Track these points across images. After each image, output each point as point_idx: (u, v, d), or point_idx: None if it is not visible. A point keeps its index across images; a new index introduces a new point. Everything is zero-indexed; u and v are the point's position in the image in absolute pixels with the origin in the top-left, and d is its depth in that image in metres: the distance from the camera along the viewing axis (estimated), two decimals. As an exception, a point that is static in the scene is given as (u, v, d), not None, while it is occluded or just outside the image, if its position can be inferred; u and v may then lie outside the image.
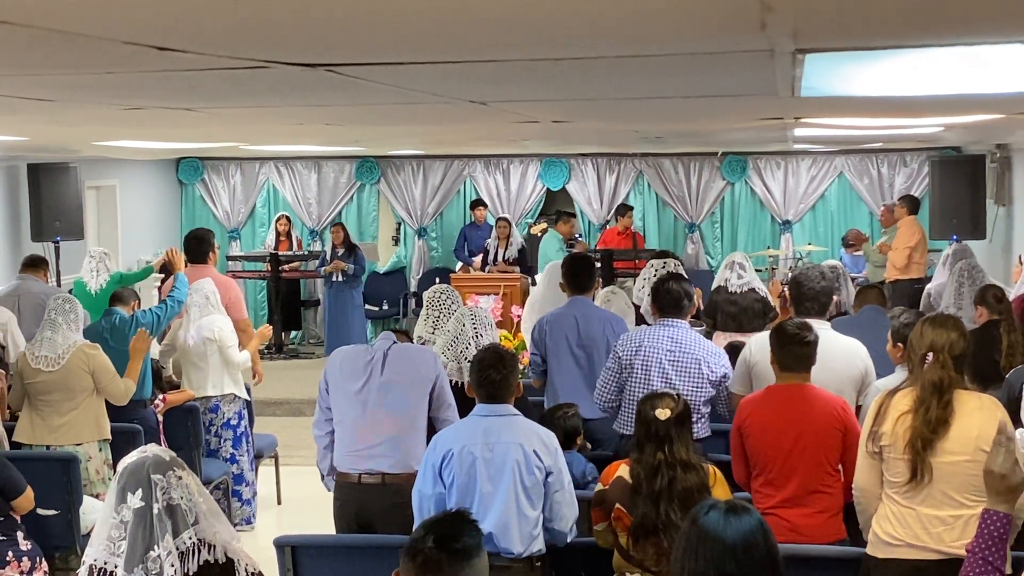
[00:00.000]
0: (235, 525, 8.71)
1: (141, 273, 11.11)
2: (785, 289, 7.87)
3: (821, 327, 6.07)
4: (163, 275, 10.20)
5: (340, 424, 6.10)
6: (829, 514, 5.37)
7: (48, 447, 7.26)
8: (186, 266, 9.26)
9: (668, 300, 6.47)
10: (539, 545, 5.15)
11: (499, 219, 15.36)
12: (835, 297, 8.32)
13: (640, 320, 8.18)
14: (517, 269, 14.48)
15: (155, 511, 3.62)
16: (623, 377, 6.40)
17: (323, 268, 15.09)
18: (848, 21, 2.96)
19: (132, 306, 8.27)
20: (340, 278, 14.92)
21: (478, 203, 16.16)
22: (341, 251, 14.96)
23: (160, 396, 8.20)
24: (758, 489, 5.50)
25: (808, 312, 6.38)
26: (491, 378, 5.17)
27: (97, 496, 7.17)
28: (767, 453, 5.44)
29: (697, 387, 6.23)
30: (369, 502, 5.95)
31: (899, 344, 6.22)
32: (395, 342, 6.17)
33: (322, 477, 6.37)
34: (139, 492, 3.64)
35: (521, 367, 8.40)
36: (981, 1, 2.66)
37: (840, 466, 5.43)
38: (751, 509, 3.44)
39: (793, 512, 5.37)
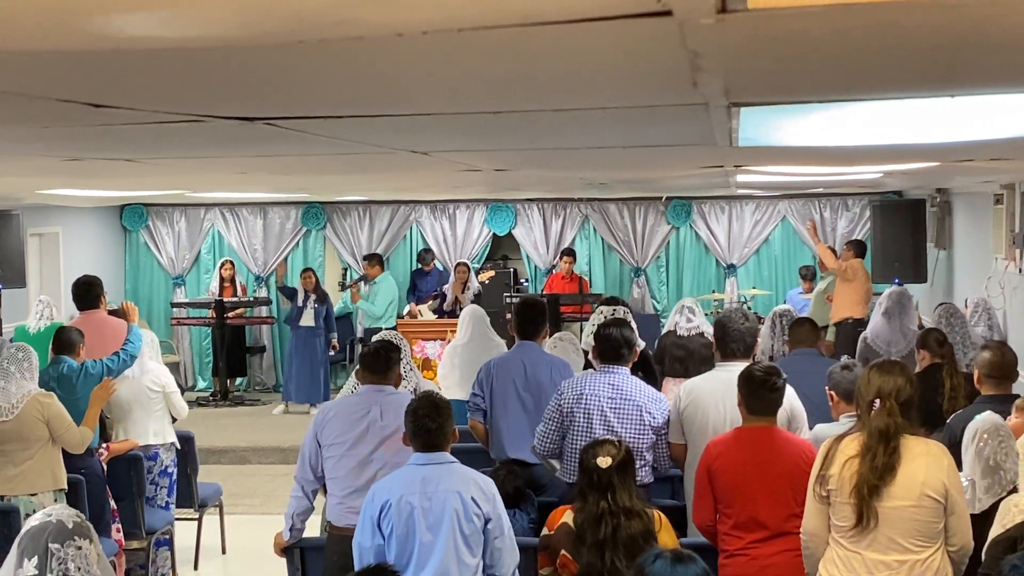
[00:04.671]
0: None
1: None
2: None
3: None
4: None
5: (334, 480, 6.04)
6: (795, 553, 5.32)
7: (2, 497, 7.16)
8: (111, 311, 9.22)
9: (608, 347, 6.42)
10: (480, 592, 5.14)
11: (458, 264, 15.35)
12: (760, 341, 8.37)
13: (588, 366, 8.17)
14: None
15: None
16: (565, 426, 6.38)
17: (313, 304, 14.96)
18: (775, 79, 3.01)
19: (79, 352, 8.15)
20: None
21: (427, 254, 16.15)
22: (312, 297, 14.89)
23: (103, 445, 8.12)
24: (727, 531, 5.48)
25: (734, 354, 6.36)
26: (427, 427, 5.14)
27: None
28: (737, 494, 5.43)
29: (639, 434, 6.21)
30: None
31: (831, 393, 6.27)
32: (387, 392, 6.09)
33: (289, 529, 6.29)
34: (35, 559, 3.56)
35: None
36: (897, 61, 2.71)
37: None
38: (695, 557, 3.47)
39: (762, 551, 5.38)
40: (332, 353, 15.21)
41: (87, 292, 9.41)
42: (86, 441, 7.41)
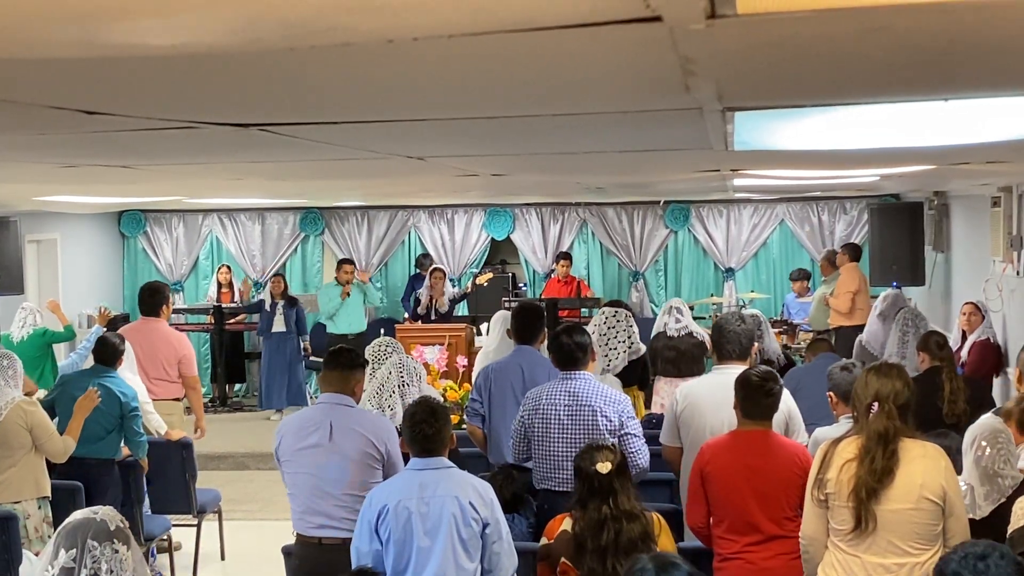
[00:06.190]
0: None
1: (66, 333, 11.07)
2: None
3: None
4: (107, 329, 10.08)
5: (293, 496, 6.01)
6: (790, 557, 5.34)
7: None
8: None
9: (562, 355, 6.45)
10: (477, 597, 5.13)
11: (435, 269, 15.28)
12: (756, 344, 8.40)
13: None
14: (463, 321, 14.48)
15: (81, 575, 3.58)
16: (528, 435, 6.40)
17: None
18: (767, 84, 3.01)
19: (120, 362, 8.15)
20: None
21: (426, 259, 16.13)
22: (281, 303, 14.85)
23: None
24: (721, 535, 5.48)
25: (730, 356, 6.38)
26: (424, 432, 5.13)
27: (36, 555, 7.04)
28: (731, 497, 5.43)
29: (595, 438, 6.16)
30: (332, 561, 5.81)
31: (830, 394, 6.28)
32: (343, 404, 6.02)
33: None
34: (72, 552, 3.59)
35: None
36: (888, 65, 2.71)
37: (800, 511, 5.44)
38: (679, 564, 3.47)
39: (757, 555, 5.38)
40: (306, 357, 15.12)
41: (148, 299, 9.53)
42: (68, 451, 7.37)
